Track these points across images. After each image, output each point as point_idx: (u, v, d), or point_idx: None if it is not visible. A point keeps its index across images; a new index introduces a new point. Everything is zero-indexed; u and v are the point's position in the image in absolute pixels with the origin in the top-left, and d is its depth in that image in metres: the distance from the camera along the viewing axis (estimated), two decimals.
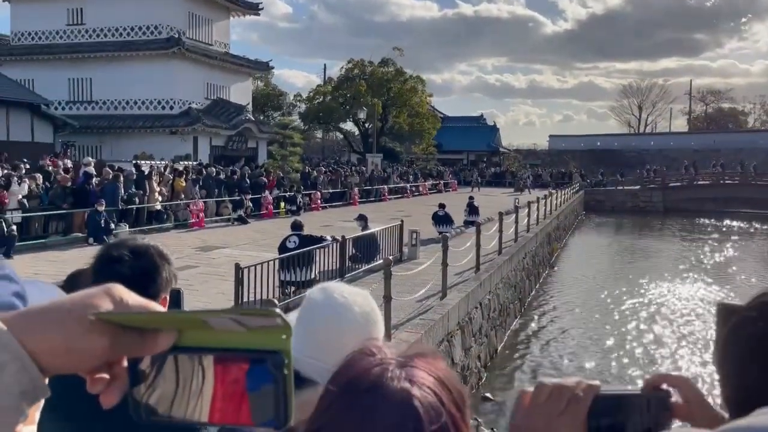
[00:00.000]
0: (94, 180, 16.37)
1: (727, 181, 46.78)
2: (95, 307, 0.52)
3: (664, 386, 0.75)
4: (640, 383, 0.79)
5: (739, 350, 0.78)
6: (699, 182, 47.69)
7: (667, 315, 15.10)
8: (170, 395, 0.54)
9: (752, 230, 34.81)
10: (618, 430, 0.73)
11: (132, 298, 0.55)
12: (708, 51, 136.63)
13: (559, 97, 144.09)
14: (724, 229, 35.37)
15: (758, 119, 78.25)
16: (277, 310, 0.52)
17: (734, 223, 37.39)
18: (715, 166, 49.97)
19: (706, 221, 37.66)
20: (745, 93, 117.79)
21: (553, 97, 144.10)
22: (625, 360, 11.81)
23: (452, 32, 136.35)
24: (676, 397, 0.75)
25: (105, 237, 12.99)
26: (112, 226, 14.81)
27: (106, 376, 0.54)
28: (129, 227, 15.73)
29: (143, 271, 1.46)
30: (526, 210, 19.30)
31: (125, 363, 0.55)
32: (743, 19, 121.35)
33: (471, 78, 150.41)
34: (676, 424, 0.76)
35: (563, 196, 31.43)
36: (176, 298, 2.92)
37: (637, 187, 48.02)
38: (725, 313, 0.83)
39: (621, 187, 48.61)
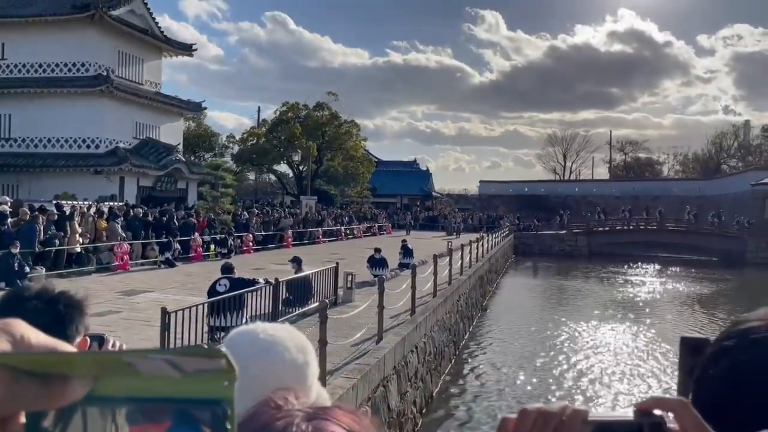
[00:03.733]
0: (9, 220, 15.52)
1: (646, 227, 49.17)
2: None
3: (658, 411, 0.68)
4: (630, 408, 0.71)
5: (718, 380, 0.77)
6: (621, 227, 49.93)
7: (599, 351, 15.41)
8: None
9: (668, 272, 36.56)
10: None
11: (35, 336, 0.44)
12: (623, 104, 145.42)
13: (486, 144, 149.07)
14: (643, 271, 36.99)
15: (672, 168, 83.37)
16: (223, 349, 0.42)
17: (653, 266, 39.19)
18: (624, 212, 52.62)
19: (628, 265, 39.27)
20: (659, 144, 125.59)
21: (481, 144, 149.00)
22: (561, 395, 11.90)
23: (383, 79, 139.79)
24: (671, 423, 0.68)
25: (18, 281, 12.21)
26: (27, 269, 13.97)
27: None
28: (46, 271, 14.89)
29: (52, 318, 1.30)
30: (460, 253, 19.54)
31: (23, 419, 0.43)
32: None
33: (402, 124, 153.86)
34: None
35: (494, 240, 32.07)
36: (99, 347, 2.67)
37: (563, 231, 49.76)
38: (689, 346, 0.83)
39: (548, 232, 50.25)
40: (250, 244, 25.17)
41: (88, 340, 1.39)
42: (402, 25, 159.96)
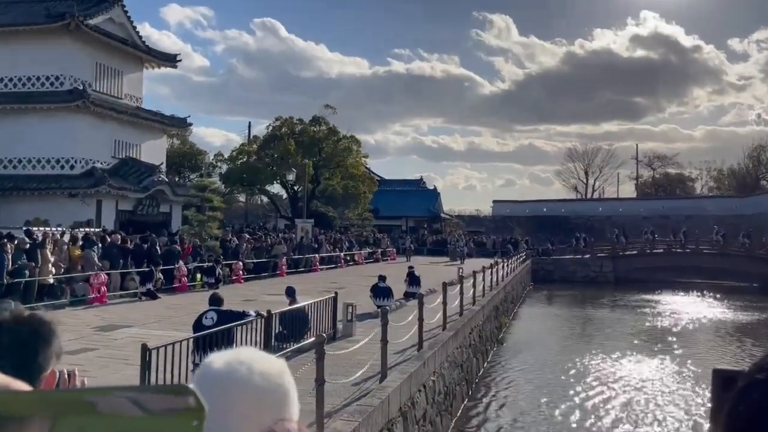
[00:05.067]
0: None
1: (678, 250, 49.09)
2: None
3: None
4: None
5: (749, 415, 0.78)
6: (650, 251, 49.85)
7: (626, 390, 15.29)
8: None
9: (702, 299, 36.38)
10: None
11: None
12: (649, 115, 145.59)
13: (500, 160, 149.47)
14: (675, 299, 36.79)
15: (705, 185, 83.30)
16: (191, 386, 0.43)
17: (685, 293, 39.04)
18: (647, 233, 52.61)
19: (658, 291, 39.10)
20: (690, 158, 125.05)
21: (493, 160, 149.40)
22: None
23: (384, 90, 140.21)
24: None
25: None
26: None
27: None
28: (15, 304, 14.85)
29: (20, 346, 1.31)
30: (472, 281, 19.54)
31: None
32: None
33: (406, 139, 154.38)
34: None
35: (510, 266, 32.06)
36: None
37: (587, 256, 49.71)
38: (722, 378, 0.85)
39: (570, 256, 50.21)
40: (240, 272, 25.19)
41: (57, 373, 1.39)
42: (404, 32, 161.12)
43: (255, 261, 27.85)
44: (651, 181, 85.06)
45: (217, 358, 1.21)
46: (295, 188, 51.77)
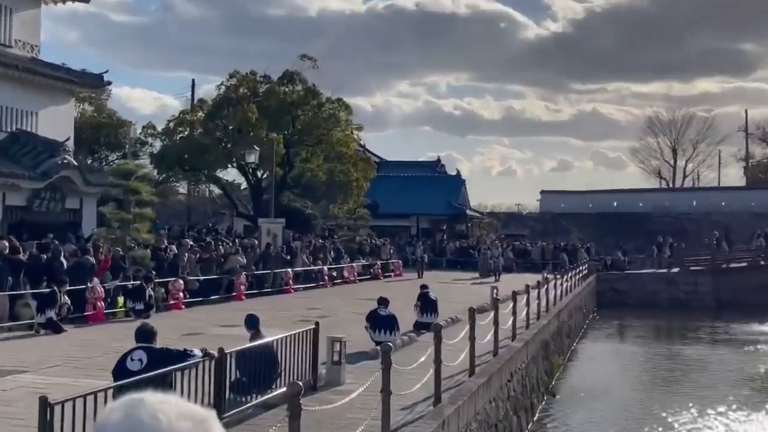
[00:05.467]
0: None
1: None
2: None
3: None
4: None
5: None
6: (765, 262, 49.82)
7: None
8: None
9: None
10: None
11: None
12: (762, 68, 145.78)
13: (550, 133, 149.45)
14: None
15: None
16: None
17: None
18: (759, 237, 52.56)
19: None
20: None
21: (541, 133, 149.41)
22: None
23: (385, 34, 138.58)
24: None
25: None
26: None
27: None
28: None
29: None
30: (511, 306, 19.56)
31: None
32: None
33: (417, 104, 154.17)
34: None
35: (565, 285, 32.05)
36: None
37: (675, 270, 49.75)
38: None
39: (650, 270, 50.20)
40: (181, 295, 25.10)
41: None
42: None
43: (202, 278, 27.75)
44: (767, 162, 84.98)
45: (117, 408, 1.22)
46: (259, 174, 51.71)
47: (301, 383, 8.53)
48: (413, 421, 10.81)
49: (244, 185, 55.29)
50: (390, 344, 11.73)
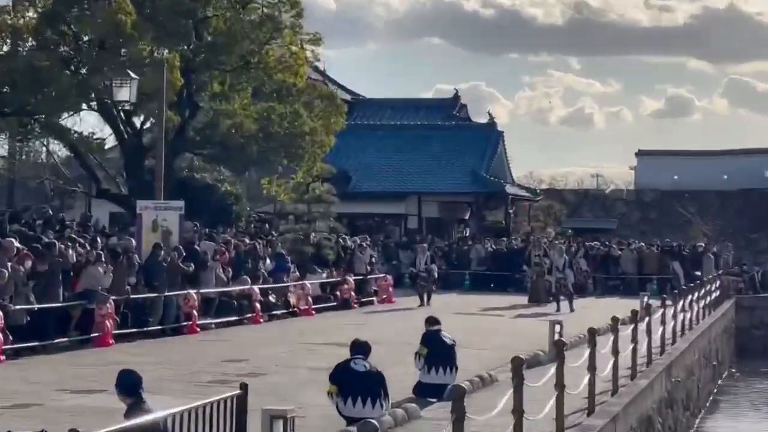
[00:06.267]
0: None
1: None
2: None
3: None
4: None
5: None
6: None
7: None
8: None
9: None
10: None
11: None
12: None
13: (653, 48, 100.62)
14: None
15: None
16: None
17: None
18: None
19: None
20: None
21: (637, 50, 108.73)
22: None
23: None
24: None
25: None
26: None
27: None
28: None
29: None
30: (586, 354, 14.65)
31: None
32: None
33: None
34: None
35: (681, 317, 24.68)
36: None
37: None
38: None
39: None
40: None
41: None
42: None
43: (38, 307, 21.27)
44: None
45: None
46: (138, 123, 38.36)
47: None
48: None
49: (111, 142, 41.30)
50: (373, 424, 11.14)
